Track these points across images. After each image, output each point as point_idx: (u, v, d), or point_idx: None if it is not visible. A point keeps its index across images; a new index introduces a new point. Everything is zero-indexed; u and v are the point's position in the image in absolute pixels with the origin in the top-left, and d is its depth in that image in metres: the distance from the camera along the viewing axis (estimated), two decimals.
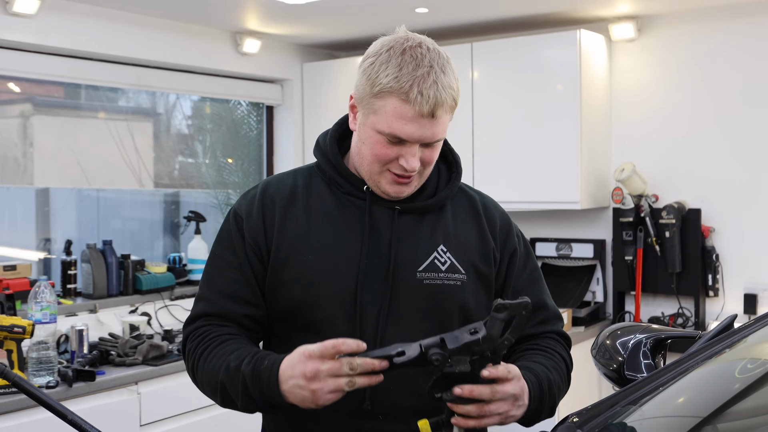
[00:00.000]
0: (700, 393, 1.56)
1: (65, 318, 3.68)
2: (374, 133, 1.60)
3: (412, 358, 1.37)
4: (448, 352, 1.37)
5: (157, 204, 4.88)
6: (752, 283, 4.02)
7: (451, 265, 1.68)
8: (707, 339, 1.72)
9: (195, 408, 3.49)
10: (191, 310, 1.71)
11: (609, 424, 1.48)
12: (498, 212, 1.81)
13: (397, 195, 1.65)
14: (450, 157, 1.79)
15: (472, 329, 1.39)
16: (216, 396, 1.60)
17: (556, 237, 4.57)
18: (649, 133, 4.33)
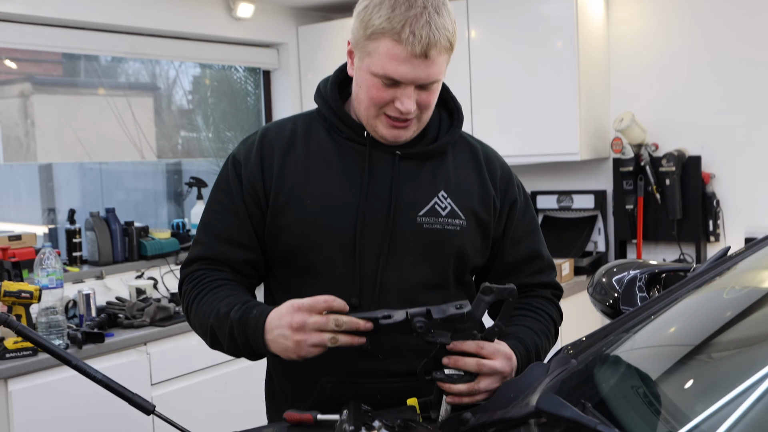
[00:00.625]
0: (690, 320, 1.58)
1: (72, 285, 3.72)
2: (369, 76, 1.60)
3: (397, 322, 1.41)
4: (432, 323, 1.41)
5: (159, 174, 4.90)
6: (753, 227, 4.04)
7: (452, 210, 1.70)
8: (700, 271, 1.75)
9: (204, 366, 3.56)
10: (188, 252, 1.75)
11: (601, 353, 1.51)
12: (499, 162, 1.83)
13: (394, 139, 1.66)
14: (452, 105, 1.80)
15: (458, 305, 1.43)
16: (206, 338, 1.66)
17: (556, 189, 4.58)
18: (648, 82, 4.33)
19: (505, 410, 1.39)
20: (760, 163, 4.03)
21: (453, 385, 1.46)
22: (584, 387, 1.38)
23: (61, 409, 3.03)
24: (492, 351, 1.48)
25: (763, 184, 4.03)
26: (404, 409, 1.48)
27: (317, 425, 1.40)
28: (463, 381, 1.46)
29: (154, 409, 1.48)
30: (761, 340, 1.41)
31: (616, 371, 1.43)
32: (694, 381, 1.35)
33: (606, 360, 1.48)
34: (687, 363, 1.42)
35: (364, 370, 1.65)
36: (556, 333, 1.81)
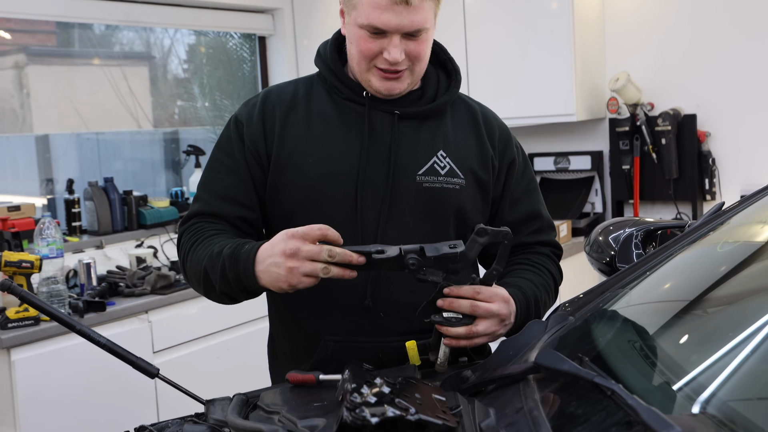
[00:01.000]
0: (686, 274, 1.60)
1: (72, 255, 3.73)
2: (357, 29, 1.63)
3: (390, 257, 1.41)
4: (425, 261, 1.42)
5: (156, 143, 4.90)
6: (748, 185, 4.05)
7: (450, 169, 1.71)
8: (695, 227, 1.77)
9: (206, 334, 3.59)
10: (188, 210, 1.76)
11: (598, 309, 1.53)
12: (497, 123, 1.85)
13: (388, 92, 1.68)
14: (449, 66, 1.82)
15: (451, 244, 1.44)
16: (200, 284, 1.65)
17: (553, 151, 4.59)
18: (643, 41, 4.31)
19: (504, 367, 1.41)
20: (755, 120, 4.03)
21: (450, 328, 1.48)
22: (582, 343, 1.40)
23: (64, 378, 3.07)
24: (489, 295, 1.50)
25: (758, 142, 4.03)
26: (405, 368, 1.50)
27: (320, 385, 1.42)
28: (461, 324, 1.48)
29: (158, 372, 1.50)
30: (755, 292, 1.43)
31: (613, 326, 1.45)
32: (689, 334, 1.37)
33: (603, 316, 1.50)
34: (682, 317, 1.44)
35: (365, 328, 1.68)
36: (556, 290, 1.83)
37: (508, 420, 1.20)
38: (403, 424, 1.10)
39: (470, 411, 1.23)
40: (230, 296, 1.62)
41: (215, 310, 3.64)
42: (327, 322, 1.68)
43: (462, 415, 1.18)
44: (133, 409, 3.24)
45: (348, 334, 1.68)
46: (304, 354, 1.71)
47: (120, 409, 3.19)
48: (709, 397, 1.07)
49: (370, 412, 1.08)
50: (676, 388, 1.12)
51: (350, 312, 1.67)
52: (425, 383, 1.32)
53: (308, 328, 1.71)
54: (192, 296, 3.53)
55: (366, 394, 1.14)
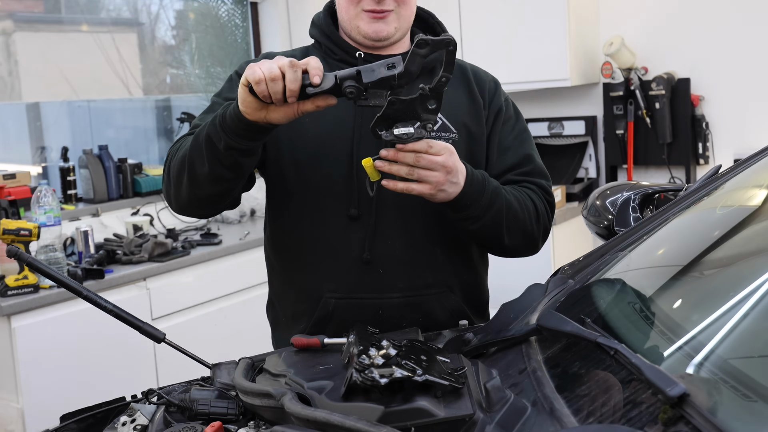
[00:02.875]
0: (685, 235, 1.62)
1: (69, 222, 3.74)
2: None
3: (325, 89, 1.39)
4: (363, 86, 1.38)
5: (149, 111, 4.88)
6: (742, 149, 4.07)
7: (443, 125, 1.74)
8: (692, 190, 1.79)
9: (204, 300, 3.61)
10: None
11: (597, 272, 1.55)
12: (488, 77, 1.87)
13: (376, 34, 1.71)
14: (438, 30, 1.85)
15: (390, 63, 1.38)
16: (183, 172, 1.59)
17: (547, 116, 4.59)
18: (637, 5, 4.31)
19: (505, 330, 1.44)
20: (748, 84, 4.04)
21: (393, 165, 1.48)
22: (582, 305, 1.43)
23: (64, 344, 3.09)
24: (440, 148, 1.50)
25: (751, 106, 4.05)
26: (408, 331, 1.52)
27: (324, 349, 1.44)
28: (412, 140, 1.46)
29: (165, 337, 1.52)
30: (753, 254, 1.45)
31: (613, 289, 1.47)
32: (689, 295, 1.40)
33: (603, 279, 1.52)
34: (681, 279, 1.46)
35: (365, 284, 1.70)
36: (538, 218, 1.78)
37: (512, 380, 1.23)
38: (411, 385, 1.13)
39: (474, 372, 1.25)
40: (219, 160, 1.54)
41: (213, 277, 3.66)
42: (326, 280, 1.70)
43: (466, 375, 1.20)
44: (133, 374, 3.27)
45: (348, 291, 1.70)
46: (305, 314, 1.73)
47: (120, 374, 3.22)
48: (710, 355, 1.09)
49: (379, 373, 1.10)
50: (678, 347, 1.14)
51: (349, 267, 1.69)
52: (430, 346, 1.34)
53: (308, 286, 1.73)
54: (190, 263, 3.55)
55: (374, 356, 1.16)
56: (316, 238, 1.72)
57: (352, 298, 1.70)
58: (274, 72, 1.38)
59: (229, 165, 1.54)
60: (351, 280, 1.70)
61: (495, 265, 2.01)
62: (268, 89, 1.39)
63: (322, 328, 1.70)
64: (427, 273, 1.74)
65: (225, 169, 1.55)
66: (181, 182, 1.62)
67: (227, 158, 1.52)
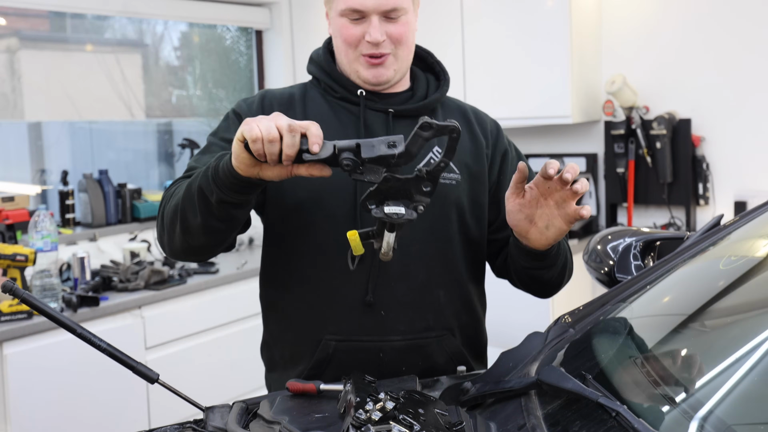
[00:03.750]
0: (686, 288, 1.61)
1: (66, 247, 3.72)
2: (339, 20, 1.69)
3: (322, 158, 1.36)
4: (361, 161, 1.35)
5: (150, 134, 4.88)
6: (742, 190, 4.07)
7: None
8: (695, 239, 1.77)
9: (199, 330, 3.58)
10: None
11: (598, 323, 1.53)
12: (489, 119, 1.90)
13: (375, 79, 1.71)
14: (437, 68, 1.86)
15: (391, 142, 1.36)
16: (176, 220, 1.57)
17: (548, 152, 4.59)
18: (639, 44, 4.32)
19: (504, 380, 1.41)
20: (749, 126, 4.05)
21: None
22: (583, 358, 1.41)
23: (56, 372, 3.06)
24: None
25: (752, 148, 4.05)
26: (405, 379, 1.50)
27: (320, 395, 1.42)
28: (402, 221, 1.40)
29: (158, 377, 1.50)
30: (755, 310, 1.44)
31: (615, 341, 1.45)
32: (691, 351, 1.38)
33: (604, 330, 1.50)
34: (683, 332, 1.44)
35: (366, 327, 1.68)
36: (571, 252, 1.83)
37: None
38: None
39: (472, 426, 1.23)
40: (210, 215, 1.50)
41: (209, 306, 3.64)
42: (327, 322, 1.68)
43: (464, 431, 1.18)
44: (125, 410, 3.24)
45: (349, 334, 1.68)
46: (303, 356, 1.71)
47: (112, 408, 3.19)
48: (711, 418, 1.07)
49: (376, 430, 1.08)
50: (680, 410, 1.12)
51: (351, 311, 1.68)
52: (427, 396, 1.32)
53: (308, 328, 1.71)
54: (186, 292, 3.52)
55: (370, 410, 1.14)
56: (317, 280, 1.70)
57: (353, 340, 1.68)
58: (272, 133, 1.34)
59: (222, 217, 1.52)
60: (352, 323, 1.68)
61: (493, 304, 2.00)
62: (264, 149, 1.36)
63: (321, 370, 1.68)
64: (429, 315, 1.73)
65: (218, 221, 1.52)
66: (174, 230, 1.59)
67: (220, 211, 1.50)
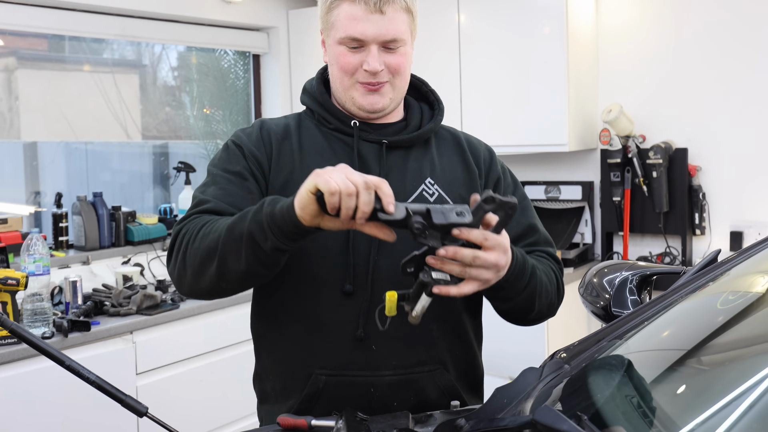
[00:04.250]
0: (683, 326, 1.59)
1: (58, 270, 3.70)
2: (336, 47, 1.68)
3: (396, 219, 1.37)
4: (430, 226, 1.37)
5: (146, 156, 4.87)
6: (738, 221, 4.06)
7: (439, 196, 1.73)
8: (692, 274, 1.76)
9: (190, 356, 3.55)
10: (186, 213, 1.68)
11: (595, 360, 1.51)
12: (482, 145, 1.88)
13: (371, 107, 1.70)
14: (431, 97, 1.86)
15: (459, 211, 1.39)
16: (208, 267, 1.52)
17: (544, 180, 4.59)
18: (636, 73, 4.34)
19: (498, 417, 1.39)
20: (746, 156, 4.05)
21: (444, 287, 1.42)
22: (579, 396, 1.39)
23: (44, 400, 3.01)
24: (494, 243, 1.44)
25: (748, 178, 4.05)
26: (398, 416, 1.48)
27: (311, 431, 1.40)
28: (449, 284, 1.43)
29: (147, 411, 1.47)
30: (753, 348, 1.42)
31: (611, 380, 1.43)
32: (688, 390, 1.36)
33: (600, 367, 1.49)
34: (680, 371, 1.43)
35: (357, 362, 1.66)
36: (558, 289, 1.80)
37: None
38: None
39: None
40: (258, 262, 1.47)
41: (202, 332, 3.61)
42: (318, 356, 1.66)
43: None
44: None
45: (339, 368, 1.66)
46: (294, 390, 1.69)
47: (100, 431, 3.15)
48: None
49: None
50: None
51: (342, 345, 1.65)
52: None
53: (298, 362, 1.69)
54: (178, 317, 3.49)
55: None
56: (308, 314, 1.68)
57: (344, 375, 1.65)
58: (350, 188, 1.33)
59: (269, 264, 1.49)
60: (343, 358, 1.66)
61: (490, 335, 1.98)
62: (340, 204, 1.34)
63: (312, 405, 1.66)
64: (421, 350, 1.70)
65: (264, 268, 1.50)
66: (204, 273, 1.54)
67: (271, 258, 1.47)
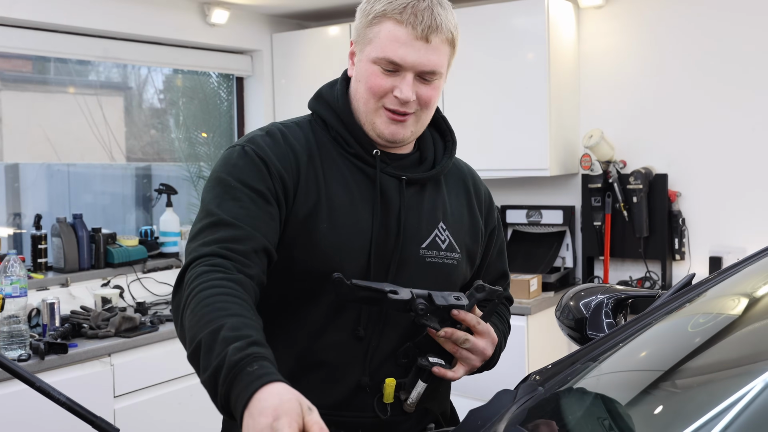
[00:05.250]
0: (655, 349, 1.60)
1: (36, 292, 3.67)
2: (369, 65, 1.58)
3: (402, 300, 1.49)
4: (432, 308, 1.52)
5: (128, 178, 4.86)
6: (717, 246, 4.09)
7: (450, 243, 1.69)
8: (666, 297, 1.77)
9: (168, 379, 3.52)
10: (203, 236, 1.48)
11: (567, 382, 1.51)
12: (483, 188, 1.85)
13: (392, 136, 1.61)
14: (443, 125, 1.80)
15: (457, 296, 1.56)
16: (187, 347, 1.40)
17: (526, 204, 4.61)
18: (617, 99, 4.37)
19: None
20: (725, 182, 4.08)
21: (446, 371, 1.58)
22: (551, 418, 1.39)
23: (16, 420, 2.96)
24: (485, 330, 1.59)
25: (727, 204, 4.08)
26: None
27: None
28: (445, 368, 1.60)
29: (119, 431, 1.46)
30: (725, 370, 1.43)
31: (583, 402, 1.43)
32: (660, 412, 1.36)
33: (572, 390, 1.49)
34: (653, 393, 1.43)
35: (349, 405, 1.61)
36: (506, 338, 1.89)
37: None
38: None
39: None
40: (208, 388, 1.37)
41: (180, 354, 3.57)
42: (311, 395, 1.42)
43: None
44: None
45: (331, 408, 1.56)
46: None
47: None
48: None
49: None
50: None
51: (342, 389, 1.61)
52: None
53: None
54: (157, 339, 3.47)
55: None
56: (313, 354, 1.61)
57: (333, 415, 1.54)
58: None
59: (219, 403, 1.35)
60: (338, 400, 1.61)
61: None
62: None
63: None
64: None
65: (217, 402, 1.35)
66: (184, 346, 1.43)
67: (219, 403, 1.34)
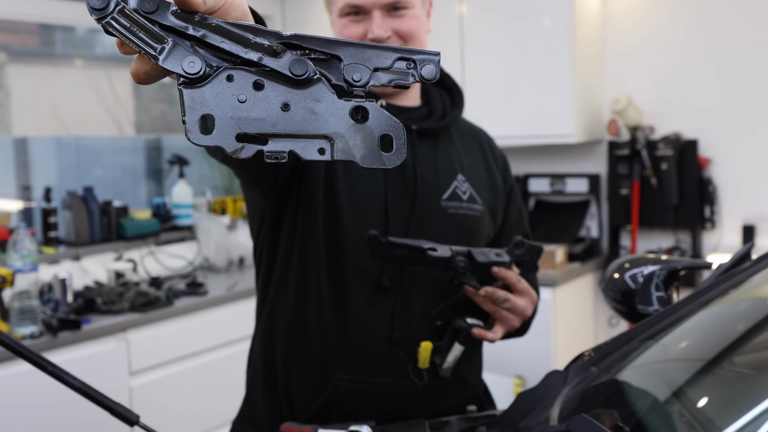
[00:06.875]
0: (724, 325, 1.47)
1: (48, 266, 3.56)
2: (339, 21, 1.59)
3: (442, 257, 1.44)
4: (472, 265, 1.47)
5: (138, 150, 4.74)
6: (750, 214, 3.94)
7: (471, 195, 1.66)
8: (723, 270, 1.64)
9: (185, 355, 3.41)
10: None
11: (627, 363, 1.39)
12: (497, 148, 1.84)
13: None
14: (448, 82, 1.77)
15: (497, 252, 1.50)
16: None
17: (549, 172, 4.47)
18: (645, 62, 4.21)
19: (523, 426, 1.28)
20: (758, 148, 3.92)
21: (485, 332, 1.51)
22: (613, 404, 1.26)
23: (28, 405, 2.86)
24: (524, 288, 1.53)
25: (761, 170, 3.93)
26: (413, 424, 1.36)
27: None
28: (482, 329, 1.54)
29: (138, 419, 1.35)
30: None
31: (646, 384, 1.31)
32: (729, 396, 1.24)
33: (633, 371, 1.36)
34: (720, 375, 1.31)
35: (383, 370, 1.54)
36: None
37: None
38: None
39: None
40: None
41: (197, 330, 3.48)
42: (343, 361, 1.53)
43: None
44: None
45: (363, 375, 1.54)
46: (311, 390, 1.54)
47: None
48: None
49: None
50: None
51: (371, 348, 1.54)
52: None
53: (322, 364, 1.55)
54: (173, 315, 3.36)
55: None
56: (335, 310, 1.55)
57: (366, 383, 1.53)
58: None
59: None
60: (369, 366, 1.53)
61: None
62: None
63: (327, 412, 1.52)
64: None
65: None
66: None
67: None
